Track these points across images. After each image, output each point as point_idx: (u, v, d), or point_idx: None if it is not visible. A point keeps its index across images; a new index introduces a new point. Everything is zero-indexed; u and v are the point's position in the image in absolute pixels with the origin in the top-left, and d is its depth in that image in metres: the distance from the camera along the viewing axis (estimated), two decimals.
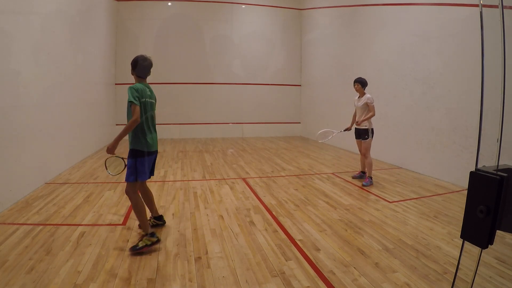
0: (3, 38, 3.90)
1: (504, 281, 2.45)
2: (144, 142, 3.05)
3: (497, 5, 1.01)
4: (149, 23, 10.19)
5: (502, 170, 0.91)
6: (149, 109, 3.11)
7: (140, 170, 3.05)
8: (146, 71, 3.16)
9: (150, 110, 3.13)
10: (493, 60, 1.06)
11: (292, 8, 11.33)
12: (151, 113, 3.15)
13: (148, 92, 3.15)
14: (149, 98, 3.12)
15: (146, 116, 3.08)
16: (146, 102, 3.07)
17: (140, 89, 3.01)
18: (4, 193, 3.85)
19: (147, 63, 3.14)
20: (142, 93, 3.02)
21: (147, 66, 3.14)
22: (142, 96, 3.02)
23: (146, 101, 3.07)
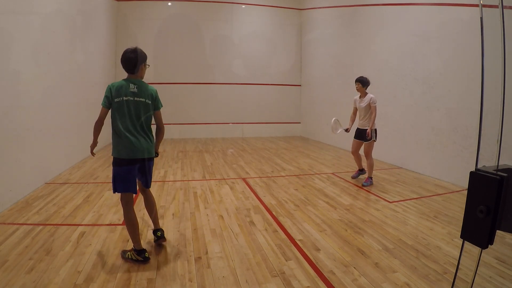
0: (3, 38, 3.90)
1: (504, 281, 2.45)
2: (120, 148, 2.69)
3: (497, 5, 1.01)
4: (149, 23, 10.19)
5: (502, 170, 0.91)
6: (127, 109, 2.68)
7: (118, 181, 2.70)
8: (128, 65, 2.73)
9: (131, 111, 2.70)
10: (493, 60, 1.06)
11: (292, 8, 11.33)
12: (134, 114, 2.71)
13: (133, 89, 2.70)
14: (132, 97, 2.69)
15: (124, 117, 2.68)
16: (122, 102, 2.66)
17: (116, 87, 2.66)
18: (4, 193, 3.85)
19: (126, 56, 2.71)
20: (118, 92, 2.65)
21: (126, 60, 2.71)
22: (118, 95, 2.66)
23: (123, 100, 2.66)
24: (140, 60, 2.73)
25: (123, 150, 2.68)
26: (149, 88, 2.80)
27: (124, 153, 2.68)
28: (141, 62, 2.75)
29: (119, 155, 2.69)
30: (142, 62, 2.77)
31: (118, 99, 2.66)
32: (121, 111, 2.67)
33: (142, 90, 2.75)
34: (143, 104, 2.75)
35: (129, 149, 2.68)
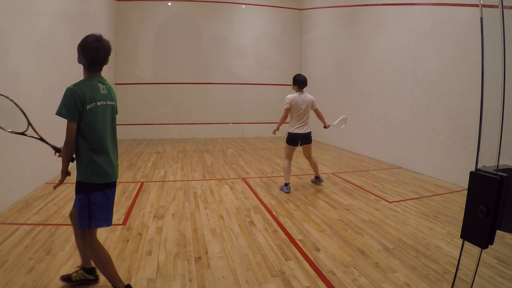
0: (3, 38, 3.90)
1: (504, 281, 2.45)
2: (97, 169, 2.08)
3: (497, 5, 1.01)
4: (149, 23, 10.19)
5: (502, 170, 0.91)
6: (102, 116, 2.08)
7: (95, 212, 2.09)
8: (94, 60, 2.08)
9: (104, 118, 2.09)
10: (493, 60, 1.06)
11: (292, 8, 11.32)
12: (107, 122, 2.12)
13: (102, 90, 2.10)
14: (104, 100, 2.09)
15: (97, 129, 2.06)
16: (96, 108, 2.04)
17: (83, 91, 2.01)
18: (4, 193, 3.85)
19: (94, 46, 2.08)
20: (85, 96, 2.01)
21: (95, 51, 2.08)
22: (88, 100, 2.02)
23: (97, 106, 2.04)
24: (109, 52, 2.14)
25: (103, 170, 2.11)
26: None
27: (106, 174, 2.12)
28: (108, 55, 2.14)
29: (103, 178, 2.12)
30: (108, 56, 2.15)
31: (90, 105, 2.02)
32: (95, 121, 2.07)
33: (110, 91, 2.19)
34: (113, 108, 2.20)
35: (107, 170, 2.13)
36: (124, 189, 4.79)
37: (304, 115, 4.71)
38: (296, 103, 4.65)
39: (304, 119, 4.73)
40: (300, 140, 4.77)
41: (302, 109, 4.67)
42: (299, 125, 4.71)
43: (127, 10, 10.04)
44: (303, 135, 4.74)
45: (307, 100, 4.72)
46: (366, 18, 7.68)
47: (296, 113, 4.69)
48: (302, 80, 4.73)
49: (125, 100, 9.95)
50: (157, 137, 10.14)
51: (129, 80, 10.03)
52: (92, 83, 2.08)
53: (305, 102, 4.68)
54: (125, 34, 10.03)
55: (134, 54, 10.09)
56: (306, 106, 4.70)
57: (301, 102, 4.66)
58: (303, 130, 4.72)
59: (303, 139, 4.78)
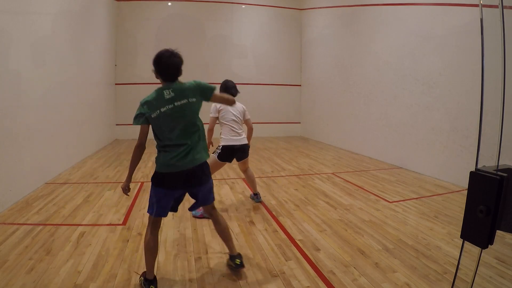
0: (3, 38, 3.90)
1: (504, 281, 2.45)
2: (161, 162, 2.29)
3: (497, 5, 1.01)
4: (149, 23, 10.19)
5: (502, 170, 0.91)
6: (169, 121, 2.23)
7: (153, 202, 2.33)
8: (165, 72, 2.27)
9: (171, 122, 2.24)
10: (493, 60, 1.06)
11: (292, 8, 11.32)
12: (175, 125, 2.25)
13: (169, 95, 2.24)
14: (170, 104, 2.23)
15: (163, 131, 2.25)
16: (159, 115, 2.21)
17: (149, 101, 2.24)
18: (4, 193, 3.85)
19: (164, 61, 2.25)
20: (151, 106, 2.22)
21: (165, 66, 2.26)
22: (153, 109, 2.21)
23: (160, 112, 2.21)
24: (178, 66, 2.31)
25: (165, 164, 2.33)
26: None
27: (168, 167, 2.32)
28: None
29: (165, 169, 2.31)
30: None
31: (155, 113, 2.27)
32: (160, 126, 2.29)
33: (182, 91, 2.31)
34: (183, 107, 2.30)
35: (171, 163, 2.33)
36: None
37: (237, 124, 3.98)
38: (224, 109, 3.95)
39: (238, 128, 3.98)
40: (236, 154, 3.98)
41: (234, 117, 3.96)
42: (233, 135, 3.95)
43: (127, 10, 10.04)
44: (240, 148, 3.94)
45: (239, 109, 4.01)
46: (366, 18, 7.68)
47: (227, 122, 3.97)
48: (232, 86, 3.95)
49: (125, 100, 9.96)
50: None
51: (129, 80, 10.03)
52: (158, 92, 2.27)
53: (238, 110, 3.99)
54: (125, 34, 10.03)
55: (134, 54, 10.09)
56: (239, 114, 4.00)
57: (229, 109, 3.94)
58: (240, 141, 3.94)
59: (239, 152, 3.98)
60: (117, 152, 7.87)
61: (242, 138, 3.96)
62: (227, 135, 3.91)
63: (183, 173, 2.28)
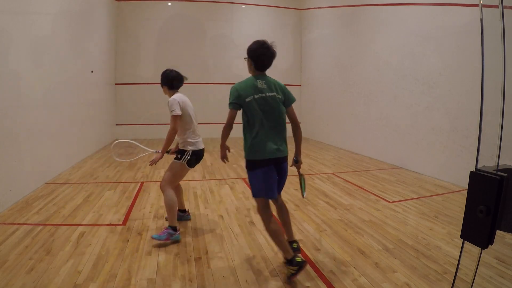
0: (3, 38, 3.90)
1: (504, 281, 2.45)
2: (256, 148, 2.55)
3: (497, 5, 1.01)
4: (149, 23, 10.19)
5: (502, 170, 0.91)
6: (262, 106, 2.49)
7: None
8: (261, 61, 2.54)
9: (263, 109, 2.50)
10: (493, 60, 1.06)
11: (292, 8, 11.32)
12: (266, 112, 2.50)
13: (261, 85, 2.51)
14: (262, 93, 2.49)
15: (254, 117, 2.49)
16: (253, 101, 2.47)
17: (242, 87, 2.51)
18: (4, 193, 3.85)
19: (259, 52, 2.52)
20: (244, 91, 2.48)
21: (260, 55, 2.53)
22: (246, 95, 2.47)
23: (252, 99, 2.47)
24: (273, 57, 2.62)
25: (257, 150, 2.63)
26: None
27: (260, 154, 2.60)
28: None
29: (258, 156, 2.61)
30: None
31: (248, 98, 2.53)
32: (253, 111, 2.57)
33: (276, 84, 2.66)
34: (273, 99, 2.60)
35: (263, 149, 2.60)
36: (124, 189, 4.80)
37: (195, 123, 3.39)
38: (186, 105, 3.28)
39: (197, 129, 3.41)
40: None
41: (193, 115, 3.33)
42: (198, 137, 3.39)
43: (127, 10, 10.04)
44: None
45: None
46: (366, 18, 7.68)
47: (191, 121, 3.32)
48: (176, 77, 3.32)
49: (125, 100, 9.96)
50: (157, 137, 10.12)
51: (129, 80, 10.03)
52: (249, 81, 2.56)
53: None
54: (125, 34, 10.03)
55: (134, 54, 10.09)
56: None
57: (190, 105, 3.36)
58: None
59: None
60: (117, 152, 7.85)
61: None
62: (194, 138, 3.34)
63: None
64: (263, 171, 2.52)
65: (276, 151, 2.54)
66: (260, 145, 2.52)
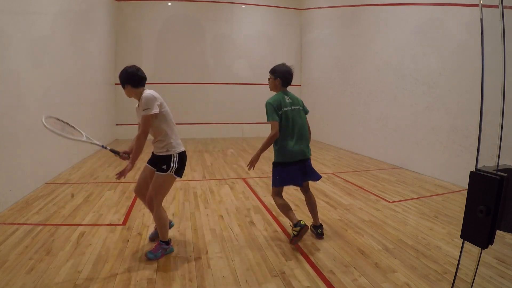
0: (2, 38, 3.90)
1: (504, 281, 2.45)
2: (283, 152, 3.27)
3: (497, 5, 1.01)
4: (149, 23, 10.19)
5: (502, 170, 0.91)
6: (291, 116, 3.12)
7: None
8: (286, 79, 3.21)
9: (293, 117, 3.13)
10: (493, 60, 1.06)
11: (292, 8, 11.32)
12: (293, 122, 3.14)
13: (288, 100, 3.15)
14: (290, 106, 3.12)
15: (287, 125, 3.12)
16: (285, 112, 3.10)
17: (277, 100, 3.11)
18: (4, 193, 3.85)
19: (287, 70, 3.20)
20: (279, 105, 3.09)
21: (288, 74, 3.20)
22: (279, 108, 3.08)
23: (286, 111, 3.09)
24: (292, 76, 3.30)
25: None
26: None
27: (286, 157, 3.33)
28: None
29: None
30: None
31: (280, 111, 3.11)
32: (286, 121, 3.16)
33: (295, 99, 3.27)
34: (299, 110, 3.28)
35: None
36: (124, 189, 4.80)
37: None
38: (163, 102, 2.86)
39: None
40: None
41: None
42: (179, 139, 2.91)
43: (127, 10, 10.04)
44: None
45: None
46: (366, 18, 7.68)
47: (171, 120, 2.88)
48: (138, 70, 2.87)
49: (125, 100, 9.93)
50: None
51: None
52: (279, 96, 3.15)
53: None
54: (125, 34, 10.03)
55: (133, 54, 10.09)
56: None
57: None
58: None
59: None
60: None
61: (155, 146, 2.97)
62: (177, 139, 2.87)
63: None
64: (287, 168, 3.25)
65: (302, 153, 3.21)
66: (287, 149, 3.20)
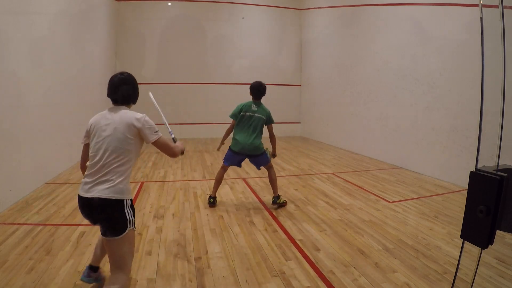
0: (2, 38, 3.90)
1: (504, 281, 2.45)
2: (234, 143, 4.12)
3: (497, 5, 1.01)
4: (149, 23, 10.19)
5: (502, 170, 0.91)
6: (247, 121, 4.10)
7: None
8: (256, 95, 4.24)
9: (248, 122, 4.09)
10: (493, 60, 1.06)
11: (292, 8, 11.32)
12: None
13: (254, 108, 4.18)
14: (252, 112, 4.14)
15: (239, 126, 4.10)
16: (244, 116, 4.13)
17: (245, 105, 4.19)
18: (4, 193, 3.85)
19: (257, 88, 4.22)
20: (243, 108, 4.15)
21: (257, 91, 4.23)
22: (241, 111, 4.14)
23: (246, 115, 4.12)
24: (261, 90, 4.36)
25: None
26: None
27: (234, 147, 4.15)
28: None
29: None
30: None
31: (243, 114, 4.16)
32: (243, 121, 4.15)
33: (257, 107, 4.20)
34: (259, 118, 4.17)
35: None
36: None
37: (98, 152, 2.18)
38: (96, 126, 2.26)
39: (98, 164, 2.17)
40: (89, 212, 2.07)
41: (102, 137, 2.19)
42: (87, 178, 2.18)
43: (127, 10, 10.04)
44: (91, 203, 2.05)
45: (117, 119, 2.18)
46: (366, 18, 7.68)
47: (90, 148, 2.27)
48: (114, 83, 2.36)
49: None
50: None
51: None
52: (248, 103, 4.18)
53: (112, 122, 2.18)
54: (125, 34, 10.03)
55: (133, 54, 10.09)
56: (112, 132, 2.16)
57: (104, 123, 2.21)
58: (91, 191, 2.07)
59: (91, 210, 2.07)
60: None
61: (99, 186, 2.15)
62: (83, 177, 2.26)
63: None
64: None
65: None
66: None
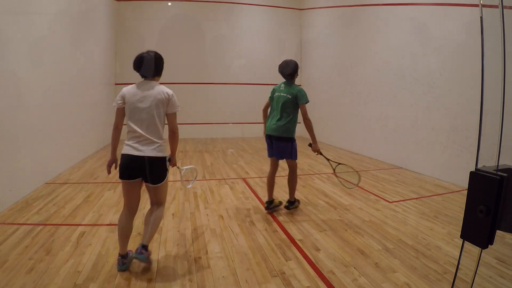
0: (2, 38, 3.90)
1: (504, 281, 2.45)
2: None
3: (497, 5, 1.01)
4: (149, 23, 10.19)
5: (502, 170, 0.91)
6: (277, 100, 3.96)
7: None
8: (281, 74, 4.11)
9: (278, 101, 3.94)
10: (493, 60, 1.06)
11: (292, 8, 11.32)
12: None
13: (283, 88, 4.00)
14: (280, 93, 3.94)
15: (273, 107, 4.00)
16: (275, 97, 4.01)
17: (276, 87, 4.13)
18: (4, 193, 3.85)
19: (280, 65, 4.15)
20: (274, 90, 4.11)
21: (279, 69, 4.15)
22: (273, 92, 4.08)
23: (276, 95, 4.00)
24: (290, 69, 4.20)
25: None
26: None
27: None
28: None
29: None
30: None
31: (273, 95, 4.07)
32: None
33: (285, 88, 4.06)
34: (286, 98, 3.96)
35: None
36: None
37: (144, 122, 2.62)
38: (133, 98, 2.60)
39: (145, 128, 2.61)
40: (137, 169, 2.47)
41: (141, 108, 2.61)
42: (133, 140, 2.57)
43: (127, 10, 10.04)
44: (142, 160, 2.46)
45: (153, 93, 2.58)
46: (366, 18, 7.68)
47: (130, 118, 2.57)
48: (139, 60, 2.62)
49: None
50: None
51: (129, 80, 9.97)
52: (279, 84, 4.07)
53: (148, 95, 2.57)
54: (125, 34, 10.03)
55: (133, 54, 9.98)
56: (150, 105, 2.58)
57: (141, 95, 2.57)
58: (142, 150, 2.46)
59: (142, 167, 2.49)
60: (117, 152, 7.86)
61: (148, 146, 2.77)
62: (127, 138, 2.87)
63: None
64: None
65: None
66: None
